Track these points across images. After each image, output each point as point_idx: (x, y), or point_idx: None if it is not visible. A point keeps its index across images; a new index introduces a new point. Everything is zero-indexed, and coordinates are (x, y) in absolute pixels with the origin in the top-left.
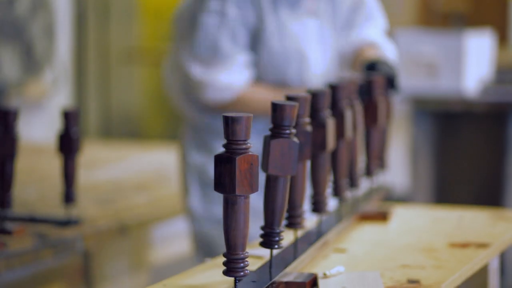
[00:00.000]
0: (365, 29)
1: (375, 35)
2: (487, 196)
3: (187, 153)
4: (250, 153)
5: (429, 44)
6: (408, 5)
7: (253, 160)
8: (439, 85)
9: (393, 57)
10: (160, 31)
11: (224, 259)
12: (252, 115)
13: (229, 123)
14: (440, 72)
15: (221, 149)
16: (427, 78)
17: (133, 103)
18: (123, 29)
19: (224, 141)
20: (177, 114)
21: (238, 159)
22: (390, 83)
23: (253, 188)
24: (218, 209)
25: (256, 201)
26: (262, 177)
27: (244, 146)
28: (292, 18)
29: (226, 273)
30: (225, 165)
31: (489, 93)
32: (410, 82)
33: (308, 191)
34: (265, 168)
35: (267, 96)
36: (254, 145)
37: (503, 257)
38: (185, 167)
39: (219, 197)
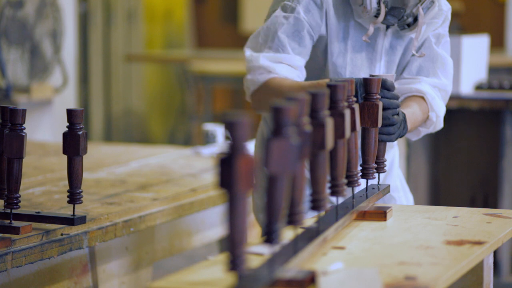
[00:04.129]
0: (423, 80)
1: (429, 88)
2: (482, 194)
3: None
4: (249, 153)
5: None
6: None
7: (252, 160)
8: None
9: (440, 113)
10: (164, 34)
11: (226, 255)
12: (250, 117)
13: (230, 125)
14: None
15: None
16: None
17: (137, 106)
18: (127, 32)
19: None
20: (180, 117)
21: (239, 158)
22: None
23: (252, 186)
24: None
25: None
26: None
27: (243, 147)
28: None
29: (227, 269)
30: (226, 164)
31: (483, 96)
32: None
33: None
34: (265, 167)
35: (293, 85)
36: None
37: (497, 254)
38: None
39: None
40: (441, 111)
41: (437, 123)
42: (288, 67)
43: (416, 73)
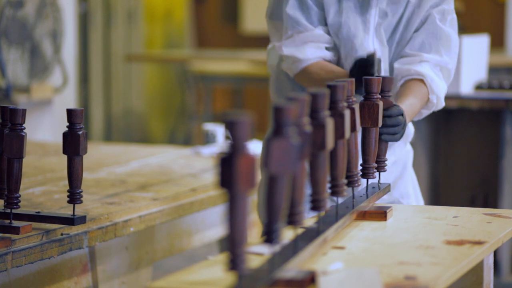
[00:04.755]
0: (420, 56)
1: (429, 69)
2: (483, 194)
3: None
4: (249, 153)
5: None
6: None
7: (253, 160)
8: None
9: (440, 93)
10: (164, 34)
11: (226, 255)
12: (250, 117)
13: (230, 125)
14: None
15: None
16: None
17: (137, 106)
18: (127, 32)
19: None
20: (180, 117)
21: (239, 158)
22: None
23: (252, 186)
24: None
25: None
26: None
27: (244, 147)
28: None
29: (227, 269)
30: (227, 164)
31: (484, 96)
32: None
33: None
34: (265, 167)
35: (325, 75)
36: None
37: (497, 254)
38: None
39: None
40: (442, 91)
41: (438, 104)
42: (313, 45)
43: (418, 49)
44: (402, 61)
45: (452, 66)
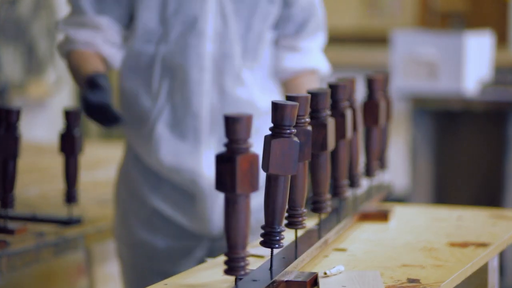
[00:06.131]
0: (309, 48)
1: (315, 58)
2: (487, 195)
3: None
4: (251, 152)
5: (429, 45)
6: (407, 5)
7: (253, 159)
8: (439, 86)
9: (327, 72)
10: None
11: (225, 258)
12: (252, 115)
13: (230, 123)
14: (439, 73)
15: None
16: (426, 79)
17: None
18: None
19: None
20: None
21: (239, 158)
22: None
23: (254, 187)
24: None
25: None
26: (263, 175)
27: (244, 146)
28: None
29: (227, 272)
30: (226, 164)
31: (488, 93)
32: (410, 83)
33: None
34: (265, 167)
35: (79, 65)
36: None
37: (502, 256)
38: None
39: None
40: (327, 67)
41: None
42: (89, 30)
43: (297, 31)
44: (291, 57)
45: (324, 38)
